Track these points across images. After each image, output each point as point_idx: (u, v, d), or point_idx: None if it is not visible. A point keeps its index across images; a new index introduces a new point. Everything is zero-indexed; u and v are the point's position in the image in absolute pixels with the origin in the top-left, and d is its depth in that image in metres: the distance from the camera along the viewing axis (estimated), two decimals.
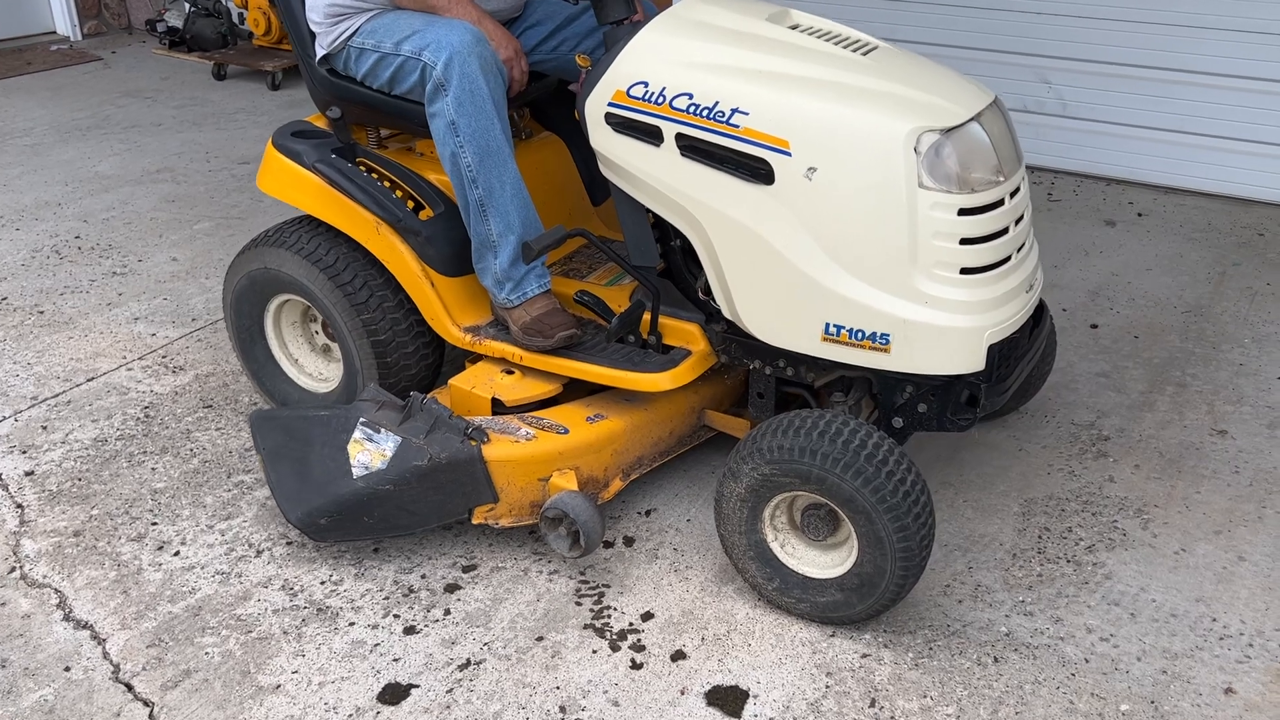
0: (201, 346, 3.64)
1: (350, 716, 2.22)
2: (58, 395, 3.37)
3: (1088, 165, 4.93)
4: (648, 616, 2.45)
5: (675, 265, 2.69)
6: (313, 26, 2.79)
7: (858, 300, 2.29)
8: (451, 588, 2.55)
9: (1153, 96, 4.66)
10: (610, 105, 2.46)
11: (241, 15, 6.93)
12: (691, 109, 2.36)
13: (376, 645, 2.39)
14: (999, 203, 2.28)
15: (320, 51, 2.80)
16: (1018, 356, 2.49)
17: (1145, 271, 4.03)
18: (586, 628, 2.43)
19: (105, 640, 2.42)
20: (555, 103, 3.16)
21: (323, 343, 3.12)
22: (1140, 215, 4.53)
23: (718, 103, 2.33)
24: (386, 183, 2.83)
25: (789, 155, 2.27)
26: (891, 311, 2.27)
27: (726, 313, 2.51)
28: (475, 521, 2.56)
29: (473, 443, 2.50)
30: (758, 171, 2.31)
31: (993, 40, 4.92)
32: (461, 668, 2.33)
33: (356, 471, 2.53)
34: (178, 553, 2.69)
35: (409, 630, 2.43)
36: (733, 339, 2.58)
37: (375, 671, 2.32)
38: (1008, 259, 2.33)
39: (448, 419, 2.53)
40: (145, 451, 3.09)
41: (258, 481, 2.92)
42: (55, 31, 7.91)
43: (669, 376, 2.57)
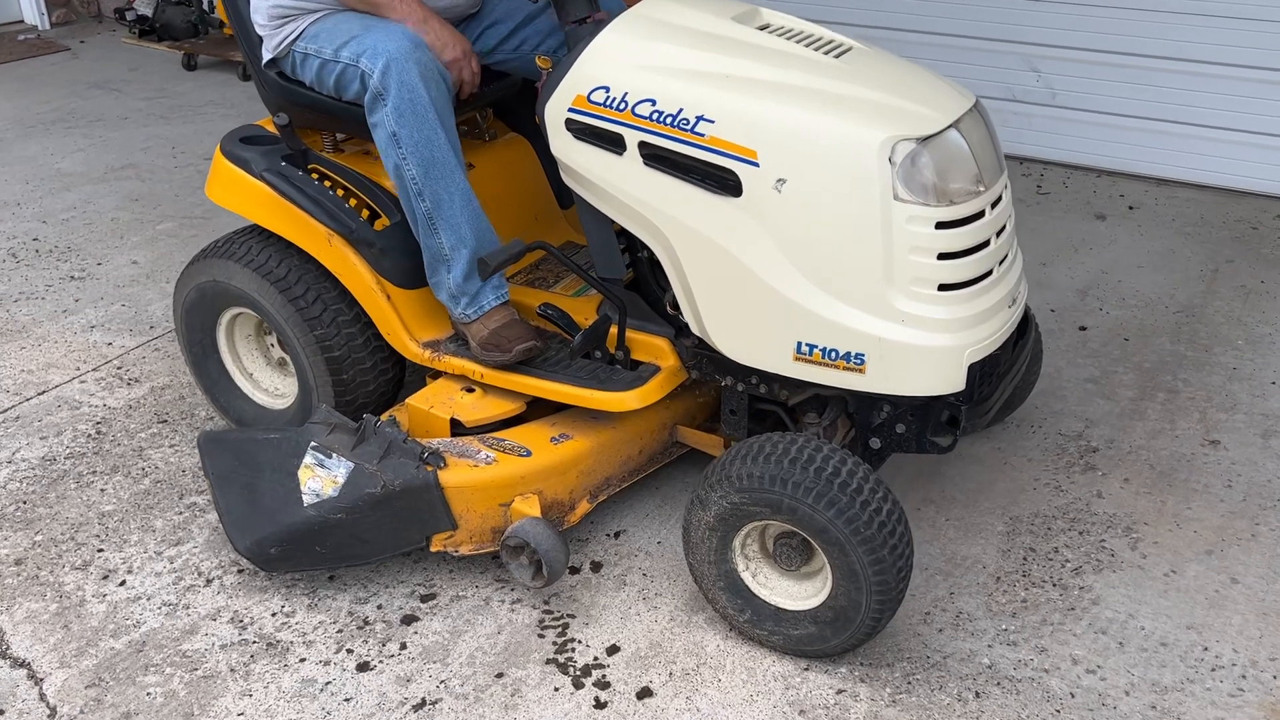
0: (159, 357, 3.50)
1: None
2: (6, 411, 3.23)
3: (1078, 156, 4.79)
4: (613, 650, 2.34)
5: (643, 276, 2.56)
6: (258, 29, 2.64)
7: (830, 318, 2.17)
8: (409, 619, 2.43)
9: (1144, 85, 4.53)
10: (570, 110, 2.33)
11: (212, 4, 6.77)
12: (655, 116, 2.22)
13: (328, 684, 2.27)
14: (979, 215, 2.15)
15: (267, 55, 2.66)
16: (1000, 374, 2.37)
17: (1136, 269, 3.91)
18: (549, 663, 2.31)
19: (43, 680, 2.30)
20: (521, 102, 3.01)
21: (279, 356, 2.98)
22: (1131, 208, 4.40)
23: (682, 110, 2.20)
24: (340, 191, 2.70)
25: (757, 166, 2.14)
26: (866, 330, 2.15)
27: (695, 329, 2.38)
28: (434, 550, 2.44)
29: (429, 468, 2.37)
30: (725, 183, 2.18)
31: (979, 28, 4.78)
32: (416, 708, 2.21)
33: (307, 499, 2.41)
34: (124, 582, 2.56)
35: (362, 667, 2.31)
36: (704, 355, 2.46)
37: (325, 713, 2.20)
38: (989, 273, 2.21)
39: (402, 443, 2.40)
40: (95, 471, 2.96)
41: (210, 503, 2.79)
42: (23, 20, 7.70)
43: (636, 395, 2.44)
